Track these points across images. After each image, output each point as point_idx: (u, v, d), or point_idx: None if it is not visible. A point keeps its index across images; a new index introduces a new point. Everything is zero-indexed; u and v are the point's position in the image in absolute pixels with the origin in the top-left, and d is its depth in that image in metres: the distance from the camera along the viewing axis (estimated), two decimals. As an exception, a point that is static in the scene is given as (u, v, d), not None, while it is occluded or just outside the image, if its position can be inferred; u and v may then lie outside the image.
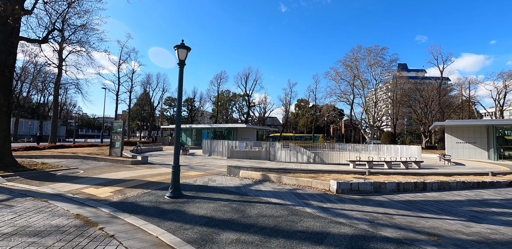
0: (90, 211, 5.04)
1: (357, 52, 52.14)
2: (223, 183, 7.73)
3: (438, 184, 7.26)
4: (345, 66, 53.70)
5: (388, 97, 60.19)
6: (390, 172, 8.75)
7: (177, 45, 6.25)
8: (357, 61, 52.48)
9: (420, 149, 16.49)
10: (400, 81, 53.02)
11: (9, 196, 5.93)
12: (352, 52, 53.53)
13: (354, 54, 52.93)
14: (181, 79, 6.33)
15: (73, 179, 8.00)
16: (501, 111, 46.58)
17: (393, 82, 55.62)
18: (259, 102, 67.77)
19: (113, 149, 13.07)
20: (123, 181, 7.68)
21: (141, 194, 6.30)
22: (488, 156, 22.21)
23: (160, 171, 9.62)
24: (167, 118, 78.53)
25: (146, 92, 62.60)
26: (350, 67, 52.93)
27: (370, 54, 51.47)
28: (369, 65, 51.96)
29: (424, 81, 65.68)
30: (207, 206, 5.35)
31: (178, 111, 6.37)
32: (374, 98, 53.91)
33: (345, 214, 4.93)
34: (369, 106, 53.72)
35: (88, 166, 10.56)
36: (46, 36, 11.22)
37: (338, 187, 6.64)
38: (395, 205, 5.66)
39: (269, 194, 6.37)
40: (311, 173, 8.48)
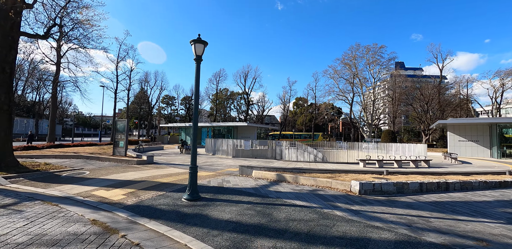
0: (106, 216, 4.72)
1: (356, 51, 52.06)
2: (238, 184, 7.44)
3: (461, 184, 7.06)
4: (344, 65, 53.61)
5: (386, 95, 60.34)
6: (407, 172, 8.54)
7: (194, 40, 5.91)
8: (355, 60, 52.41)
9: (426, 147, 16.34)
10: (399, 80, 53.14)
11: (16, 199, 5.57)
12: (351, 50, 53.42)
13: (352, 52, 52.85)
14: (198, 75, 6.01)
15: (80, 181, 7.64)
16: (498, 109, 46.93)
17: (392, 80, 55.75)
18: (258, 101, 67.47)
19: (117, 148, 12.67)
20: (134, 183, 7.35)
21: (156, 196, 5.98)
22: (490, 154, 22.24)
23: (169, 172, 9.29)
24: (164, 117, 77.84)
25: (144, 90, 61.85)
26: (348, 65, 52.85)
27: (369, 52, 51.45)
28: (367, 63, 51.94)
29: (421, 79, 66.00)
30: (230, 210, 5.05)
31: (195, 110, 6.05)
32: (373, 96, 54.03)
33: (378, 217, 4.68)
34: (367, 105, 53.80)
35: (93, 167, 10.17)
36: (47, 31, 10.75)
37: (361, 188, 6.39)
38: (424, 207, 5.43)
39: (290, 196, 6.09)
40: (327, 173, 8.23)
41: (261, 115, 68.37)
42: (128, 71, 38.22)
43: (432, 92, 37.01)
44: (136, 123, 71.19)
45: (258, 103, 66.66)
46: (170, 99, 79.49)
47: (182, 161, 13.11)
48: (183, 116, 76.73)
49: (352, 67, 52.46)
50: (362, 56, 52.33)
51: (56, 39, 19.01)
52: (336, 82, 54.10)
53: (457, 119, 24.99)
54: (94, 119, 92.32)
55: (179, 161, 13.07)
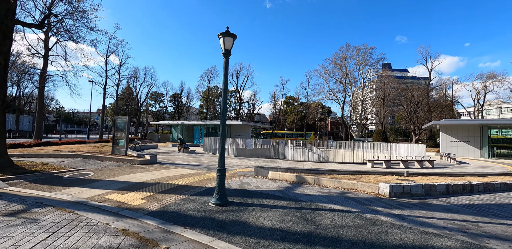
0: (134, 224, 4.25)
1: (346, 51, 52.71)
2: (260, 186, 7.08)
3: (484, 186, 7.03)
4: (334, 64, 54.19)
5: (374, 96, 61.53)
6: (426, 173, 8.48)
7: (223, 33, 5.48)
8: (345, 60, 53.09)
9: (424, 148, 16.57)
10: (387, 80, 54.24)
11: (23, 205, 4.97)
12: (341, 50, 54.06)
13: (343, 52, 53.47)
14: (226, 71, 5.58)
15: (87, 183, 7.04)
16: (481, 110, 48.86)
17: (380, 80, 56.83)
18: (248, 99, 67.00)
19: (116, 147, 11.97)
20: (147, 185, 6.84)
21: (179, 201, 5.53)
22: (481, 154, 22.97)
23: (179, 173, 8.79)
24: (152, 114, 75.88)
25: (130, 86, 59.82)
26: (339, 65, 53.44)
27: (358, 53, 52.26)
28: (357, 63, 52.76)
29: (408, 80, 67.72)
30: (267, 216, 4.71)
31: (223, 108, 5.61)
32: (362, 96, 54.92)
33: (427, 223, 4.47)
34: (356, 104, 54.63)
35: (95, 167, 9.49)
36: (42, 20, 9.89)
37: (391, 190, 6.21)
38: (463, 211, 5.30)
39: (323, 199, 5.81)
40: (346, 174, 8.02)
41: (252, 113, 67.97)
42: (118, 66, 36.70)
43: (423, 93, 37.92)
44: (123, 120, 68.96)
45: (249, 101, 66.17)
46: (158, 96, 77.52)
47: (185, 161, 12.57)
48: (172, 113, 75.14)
49: (342, 67, 53.09)
50: (352, 57, 53.06)
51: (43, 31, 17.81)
52: (327, 82, 54.59)
53: (450, 120, 25.68)
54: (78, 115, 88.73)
55: (182, 161, 12.52)
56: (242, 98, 62.95)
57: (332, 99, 54.97)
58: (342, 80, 52.65)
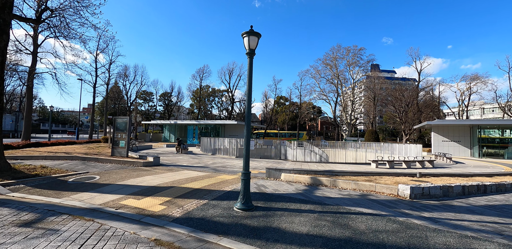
0: (163, 232, 4.01)
1: (337, 52, 53.31)
2: (277, 189, 6.93)
3: (496, 187, 7.17)
4: (325, 65, 54.73)
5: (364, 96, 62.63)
6: (437, 174, 8.57)
7: (247, 32, 5.28)
8: (336, 60, 53.70)
9: (421, 148, 16.86)
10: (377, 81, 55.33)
11: (36, 214, 4.62)
12: (332, 51, 54.61)
13: (334, 53, 54.05)
14: (251, 71, 5.38)
15: (96, 188, 6.67)
16: (466, 111, 50.59)
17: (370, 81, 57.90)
18: (240, 99, 66.60)
19: (116, 148, 11.50)
20: (161, 189, 6.55)
21: (201, 206, 5.30)
22: (471, 154, 23.72)
23: (189, 175, 8.50)
24: (141, 113, 74.24)
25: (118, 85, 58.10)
26: (330, 65, 54.00)
27: (349, 54, 52.96)
28: (348, 64, 53.47)
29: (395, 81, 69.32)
30: (299, 221, 4.56)
31: (247, 108, 5.41)
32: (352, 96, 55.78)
33: (460, 225, 4.45)
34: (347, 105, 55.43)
35: (98, 170, 9.06)
36: (39, 15, 9.35)
37: (411, 192, 6.20)
38: (487, 212, 5.34)
39: (347, 202, 5.72)
40: (361, 176, 7.99)
41: (243, 113, 67.68)
42: (108, 64, 35.55)
43: (412, 94, 38.85)
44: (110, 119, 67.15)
45: (241, 101, 65.79)
46: (148, 95, 75.91)
47: (188, 162, 12.25)
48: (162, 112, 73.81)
49: (333, 68, 53.68)
50: (343, 57, 53.72)
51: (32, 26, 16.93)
52: (318, 82, 55.08)
53: (442, 121, 26.39)
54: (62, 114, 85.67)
55: (185, 162, 12.20)
56: (234, 98, 62.57)
57: (322, 99, 55.47)
58: (333, 81, 53.24)
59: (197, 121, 38.92)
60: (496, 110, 56.79)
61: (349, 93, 57.50)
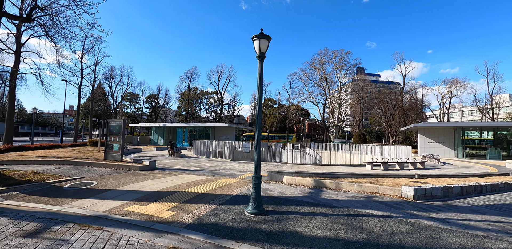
0: (179, 240, 3.89)
1: (324, 55, 54.26)
2: (283, 192, 6.91)
3: (491, 187, 7.47)
4: (313, 68, 55.60)
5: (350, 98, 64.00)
6: (433, 175, 8.83)
7: (257, 35, 5.27)
8: (323, 64, 54.69)
9: (410, 149, 17.37)
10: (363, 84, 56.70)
11: (38, 223, 4.37)
12: (320, 54, 55.54)
13: (321, 56, 54.99)
14: (262, 75, 5.36)
15: (95, 194, 6.40)
16: (447, 113, 52.69)
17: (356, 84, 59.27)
18: (229, 101, 66.36)
19: (110, 152, 11.11)
20: (165, 194, 6.37)
21: (211, 211, 5.19)
22: (455, 155, 24.67)
23: (189, 180, 8.33)
24: (127, 115, 72.40)
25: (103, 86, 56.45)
26: (317, 69, 54.91)
27: (336, 57, 54.05)
28: (335, 67, 54.54)
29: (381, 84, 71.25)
30: (314, 224, 4.55)
31: (258, 112, 5.38)
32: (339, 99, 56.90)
33: (469, 225, 4.58)
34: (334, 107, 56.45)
35: (93, 175, 8.70)
36: (29, 13, 8.92)
37: (415, 193, 6.35)
38: (489, 211, 5.54)
39: (356, 205, 5.78)
40: (362, 178, 8.11)
41: (232, 115, 67.45)
42: (93, 65, 34.50)
43: (398, 97, 40.06)
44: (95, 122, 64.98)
45: (229, 103, 65.56)
46: (134, 96, 74.28)
47: (185, 166, 12.02)
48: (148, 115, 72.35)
49: (320, 71, 54.59)
50: (330, 61, 54.73)
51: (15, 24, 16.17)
52: (306, 85, 55.81)
53: (428, 123, 27.33)
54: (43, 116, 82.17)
55: (182, 166, 11.96)
56: (223, 100, 62.27)
57: (310, 101, 56.19)
58: (321, 83, 54.10)
59: (186, 123, 38.38)
60: (475, 112, 59.54)
61: (336, 96, 58.58)
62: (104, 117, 56.97)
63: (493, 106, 40.38)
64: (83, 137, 41.67)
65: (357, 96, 57.09)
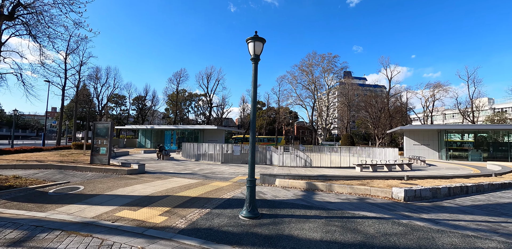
0: (173, 246, 3.78)
1: (312, 58, 55.03)
2: (276, 195, 6.88)
3: (476, 187, 7.72)
4: (301, 71, 56.28)
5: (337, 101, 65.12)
6: (421, 176, 9.06)
7: (252, 37, 5.27)
8: (312, 67, 55.47)
9: (397, 152, 17.80)
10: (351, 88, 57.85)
11: (23, 231, 4.14)
12: (308, 57, 56.31)
13: (309, 59, 55.77)
14: (256, 77, 5.35)
15: (83, 199, 6.16)
16: (431, 116, 54.44)
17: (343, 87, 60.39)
18: (218, 104, 65.98)
19: (97, 156, 10.76)
20: (157, 199, 6.21)
21: (205, 215, 5.10)
22: (439, 156, 25.45)
23: (180, 183, 8.17)
24: (112, 117, 70.65)
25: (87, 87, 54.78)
26: (306, 72, 55.61)
27: (324, 61, 54.93)
28: (323, 71, 55.42)
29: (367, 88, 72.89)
30: (309, 227, 4.55)
31: (252, 115, 5.35)
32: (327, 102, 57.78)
33: (459, 226, 4.70)
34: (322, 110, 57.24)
35: (79, 179, 8.39)
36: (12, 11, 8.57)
37: (405, 195, 6.47)
38: (476, 212, 5.71)
39: (349, 207, 5.82)
40: (353, 180, 8.20)
41: (220, 117, 67.09)
42: (78, 65, 33.52)
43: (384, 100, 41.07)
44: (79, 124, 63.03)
45: (219, 105, 65.18)
46: (120, 98, 72.60)
47: (174, 169, 11.80)
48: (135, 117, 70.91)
49: (309, 74, 55.31)
50: (318, 64, 55.55)
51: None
52: (294, 88, 56.36)
53: (413, 126, 28.12)
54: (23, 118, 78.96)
55: (171, 169, 11.73)
56: (212, 103, 61.84)
57: (299, 104, 56.74)
58: (309, 86, 54.77)
59: (175, 126, 37.84)
60: (456, 115, 61.80)
61: (324, 98, 59.45)
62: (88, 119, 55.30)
63: (473, 110, 42.05)
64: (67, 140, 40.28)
65: (344, 99, 58.15)
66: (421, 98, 54.34)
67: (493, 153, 24.56)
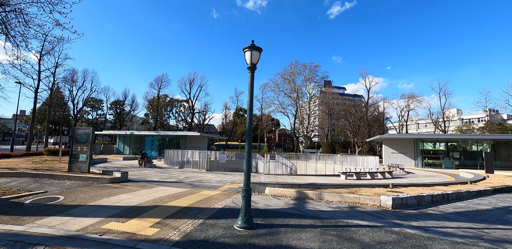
0: (170, 259, 3.63)
1: (295, 67, 56.29)
2: (268, 204, 6.83)
3: (456, 195, 8.13)
4: (284, 79, 57.31)
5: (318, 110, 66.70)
6: (405, 184, 9.40)
7: (248, 47, 5.32)
8: (294, 75, 56.69)
9: (378, 160, 18.43)
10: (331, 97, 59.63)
11: (1, 248, 3.79)
12: (290, 66, 57.54)
13: (292, 68, 56.98)
14: (252, 86, 5.37)
15: (64, 210, 5.77)
16: (406, 125, 57.12)
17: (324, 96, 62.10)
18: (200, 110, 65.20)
19: (75, 163, 10.18)
20: (145, 209, 5.95)
21: (198, 226, 4.94)
22: (415, 164, 26.63)
23: (168, 192, 7.89)
24: (88, 122, 67.50)
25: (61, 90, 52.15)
26: (288, 80, 56.70)
27: (305, 70, 56.37)
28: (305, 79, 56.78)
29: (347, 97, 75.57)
30: (306, 237, 4.54)
31: (249, 123, 5.34)
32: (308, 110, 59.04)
33: (447, 233, 4.89)
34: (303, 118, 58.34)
35: (57, 188, 7.85)
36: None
37: (393, 203, 6.68)
38: (460, 219, 5.99)
39: (341, 215, 5.89)
40: (342, 188, 8.35)
41: (202, 124, 66.22)
42: (53, 67, 31.95)
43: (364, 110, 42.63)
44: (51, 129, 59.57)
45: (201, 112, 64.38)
46: (97, 102, 69.86)
47: (159, 177, 11.40)
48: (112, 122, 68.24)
49: (291, 82, 56.43)
50: (300, 73, 56.88)
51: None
52: (277, 95, 57.13)
53: (391, 135, 29.36)
54: (-13, 122, 73.40)
55: (155, 177, 11.33)
56: (194, 109, 61.06)
57: (281, 112, 57.46)
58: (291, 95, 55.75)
59: (156, 132, 36.83)
60: (429, 125, 65.32)
61: (306, 107, 60.69)
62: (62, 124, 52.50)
63: (444, 120, 44.66)
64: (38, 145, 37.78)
65: (325, 107, 59.67)
66: (397, 108, 57.04)
67: (463, 161, 26.11)
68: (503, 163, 24.65)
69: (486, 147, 26.04)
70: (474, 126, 54.03)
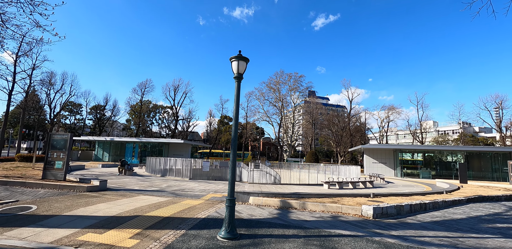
0: (150, 272, 3.51)
1: (280, 76, 57.36)
2: (252, 213, 6.78)
3: (433, 204, 8.44)
4: (269, 88, 58.12)
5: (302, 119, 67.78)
6: (385, 194, 9.65)
7: (236, 57, 5.42)
8: (279, 85, 57.66)
9: (359, 169, 18.86)
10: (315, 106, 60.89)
11: (-36, 262, 3.52)
12: (276, 75, 58.53)
13: (277, 77, 57.99)
14: (238, 95, 5.43)
15: (36, 221, 5.45)
16: (386, 136, 59.04)
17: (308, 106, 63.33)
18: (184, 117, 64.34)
19: (51, 170, 9.68)
20: (125, 220, 5.73)
21: (180, 237, 4.83)
22: (395, 174, 27.43)
23: (149, 202, 7.66)
24: (66, 127, 64.73)
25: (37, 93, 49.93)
26: (273, 89, 57.55)
27: (290, 79, 57.55)
28: (289, 89, 57.84)
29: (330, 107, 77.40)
30: (289, 247, 4.53)
31: (234, 132, 5.37)
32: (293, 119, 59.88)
33: (425, 242, 5.05)
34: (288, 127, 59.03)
35: (30, 197, 7.40)
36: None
37: (374, 212, 6.83)
38: (437, 228, 6.21)
39: (324, 225, 5.95)
40: (324, 198, 8.45)
41: (186, 131, 65.24)
42: (30, 69, 30.69)
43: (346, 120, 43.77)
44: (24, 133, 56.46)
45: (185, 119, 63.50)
46: (76, 106, 67.44)
47: (140, 186, 11.05)
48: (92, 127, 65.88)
49: (276, 91, 57.27)
50: (285, 82, 57.97)
51: None
52: (262, 104, 57.69)
53: (372, 145, 30.21)
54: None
55: (136, 186, 10.97)
56: (178, 115, 60.20)
57: (266, 120, 57.88)
58: (276, 103, 56.46)
59: (138, 138, 35.85)
60: (408, 136, 67.87)
61: (290, 116, 61.51)
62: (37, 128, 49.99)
63: (422, 131, 46.62)
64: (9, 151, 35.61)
65: (309, 117, 60.73)
66: (377, 119, 59.04)
67: (440, 171, 27.23)
68: (475, 174, 25.92)
69: (460, 158, 27.35)
70: (449, 138, 56.76)
